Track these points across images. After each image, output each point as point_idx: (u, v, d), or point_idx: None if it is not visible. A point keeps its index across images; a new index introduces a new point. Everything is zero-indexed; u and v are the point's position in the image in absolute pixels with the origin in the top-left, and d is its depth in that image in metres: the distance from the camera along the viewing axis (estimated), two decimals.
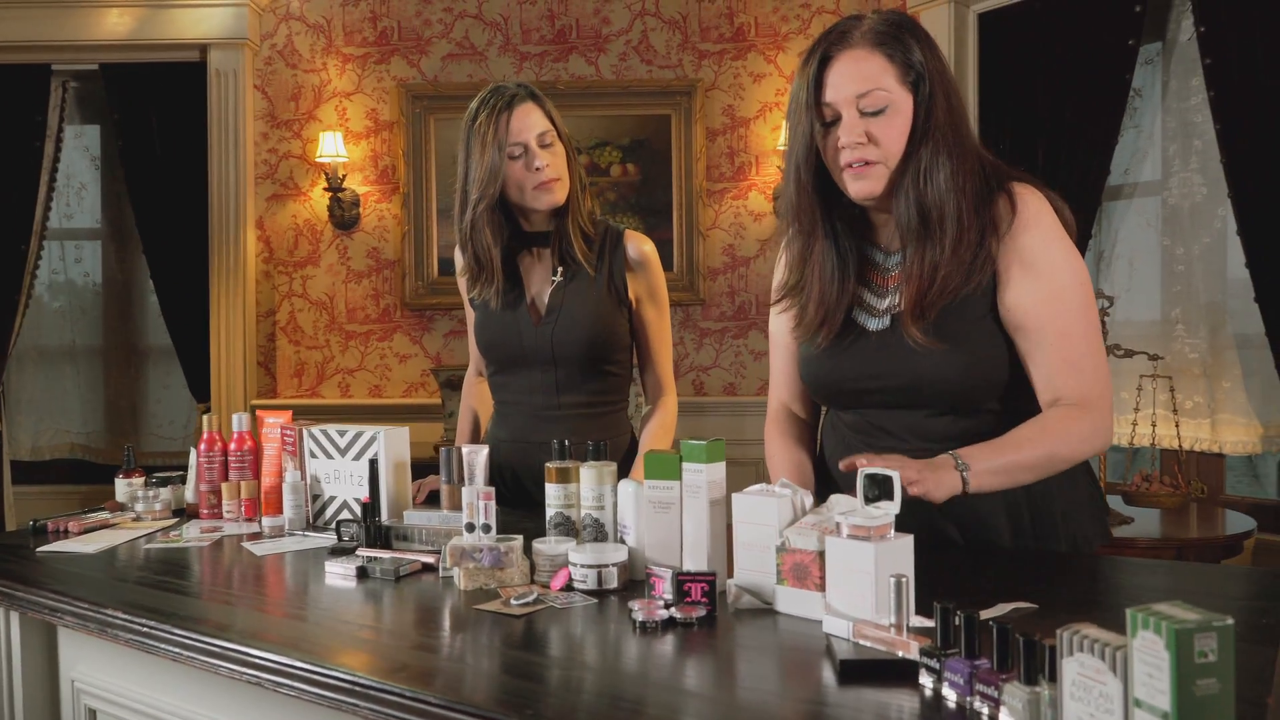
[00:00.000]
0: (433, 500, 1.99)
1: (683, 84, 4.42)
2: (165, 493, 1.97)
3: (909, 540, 1.17)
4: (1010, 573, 1.38)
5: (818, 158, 1.47)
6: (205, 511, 1.94)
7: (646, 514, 1.36)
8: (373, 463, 1.68)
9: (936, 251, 1.42)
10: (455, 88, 4.44)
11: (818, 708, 0.96)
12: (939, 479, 1.31)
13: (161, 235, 4.51)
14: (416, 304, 4.46)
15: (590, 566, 1.34)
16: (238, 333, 4.42)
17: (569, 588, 1.35)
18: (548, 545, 1.40)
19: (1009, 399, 1.48)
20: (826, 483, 1.62)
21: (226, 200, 4.41)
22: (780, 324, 1.67)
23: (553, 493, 1.47)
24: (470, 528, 1.40)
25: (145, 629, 1.25)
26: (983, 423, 1.47)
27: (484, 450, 1.73)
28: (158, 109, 4.48)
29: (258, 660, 1.10)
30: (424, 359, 4.51)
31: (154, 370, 5.01)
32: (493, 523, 1.40)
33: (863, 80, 1.40)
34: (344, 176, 4.42)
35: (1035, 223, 1.43)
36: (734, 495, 1.29)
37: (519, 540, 1.40)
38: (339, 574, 1.48)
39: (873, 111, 1.41)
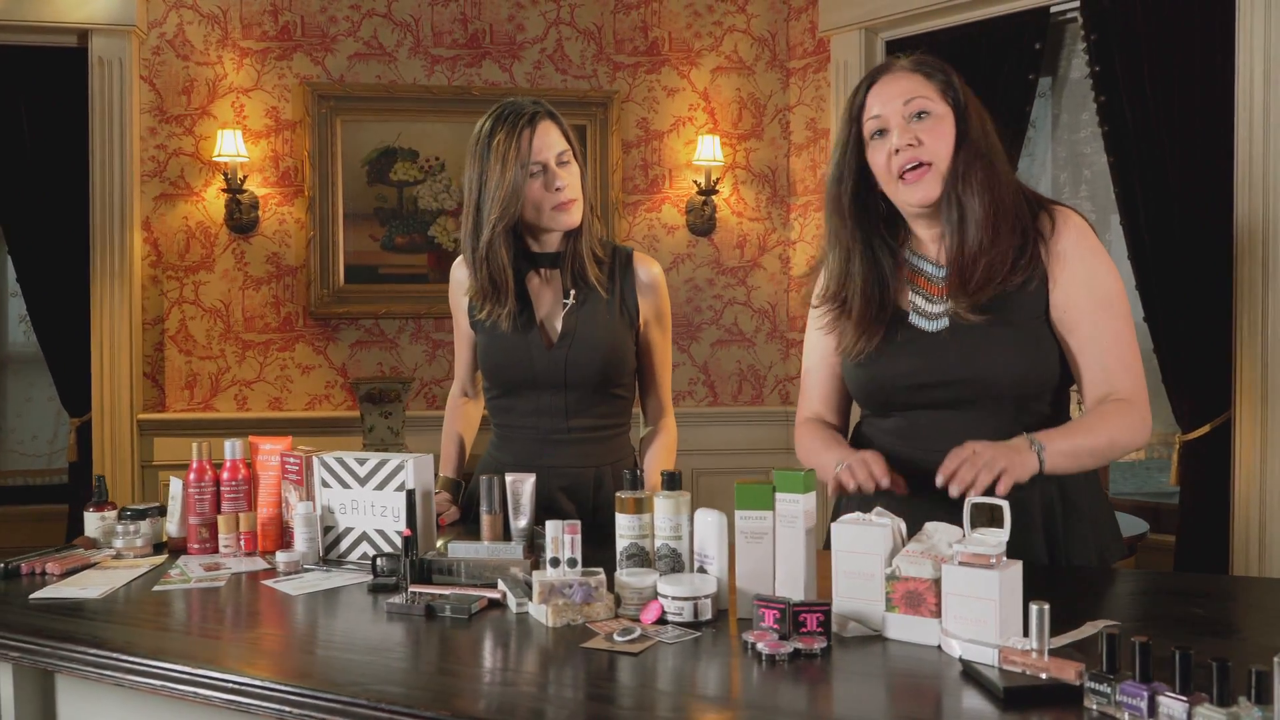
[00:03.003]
0: None
1: (599, 95, 4.42)
2: (145, 526, 1.83)
3: (1019, 565, 1.23)
4: (1061, 589, 1.47)
5: (856, 175, 1.61)
6: (195, 546, 1.80)
7: (737, 544, 1.37)
8: (410, 493, 1.61)
9: (973, 229, 1.53)
10: (364, 89, 4.28)
11: None
12: (1022, 461, 1.42)
13: (32, 235, 4.12)
14: (321, 312, 4.27)
15: (685, 599, 1.33)
16: (122, 341, 4.10)
17: (663, 620, 1.34)
18: (634, 577, 1.38)
19: (1054, 403, 1.61)
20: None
21: (110, 199, 4.08)
22: (821, 341, 1.74)
23: (625, 523, 1.45)
24: (555, 562, 1.37)
25: (236, 686, 1.16)
26: (1029, 427, 1.54)
27: (530, 479, 1.70)
28: (28, 97, 4.10)
29: None
30: (329, 370, 4.32)
31: (14, 381, 4.59)
32: (579, 557, 1.37)
33: (906, 91, 1.57)
34: (244, 178, 4.18)
35: (1079, 233, 1.58)
36: (833, 525, 1.32)
37: (602, 573, 1.38)
38: (403, 614, 1.41)
39: (918, 114, 1.56)
